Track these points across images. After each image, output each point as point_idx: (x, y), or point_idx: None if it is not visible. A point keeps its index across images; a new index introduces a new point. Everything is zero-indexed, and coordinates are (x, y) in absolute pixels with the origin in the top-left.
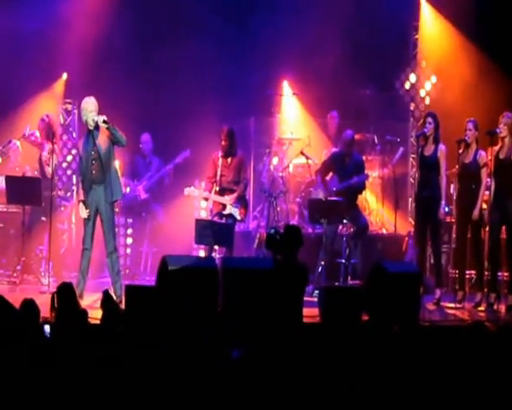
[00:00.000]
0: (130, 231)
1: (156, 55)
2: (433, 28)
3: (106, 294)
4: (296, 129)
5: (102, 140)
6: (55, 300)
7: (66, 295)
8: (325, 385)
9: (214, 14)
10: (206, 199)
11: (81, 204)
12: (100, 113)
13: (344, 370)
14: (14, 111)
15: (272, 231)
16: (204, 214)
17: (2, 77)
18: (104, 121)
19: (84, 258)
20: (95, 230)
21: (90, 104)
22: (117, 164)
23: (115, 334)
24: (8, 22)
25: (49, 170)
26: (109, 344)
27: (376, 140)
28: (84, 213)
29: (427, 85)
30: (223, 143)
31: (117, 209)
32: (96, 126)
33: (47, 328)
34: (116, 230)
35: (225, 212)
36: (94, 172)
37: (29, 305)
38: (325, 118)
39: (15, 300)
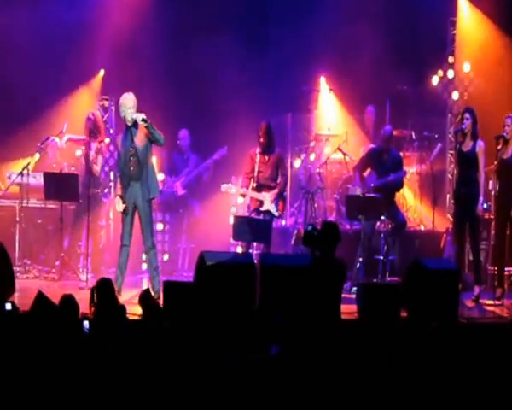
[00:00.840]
0: (167, 227)
1: (194, 51)
2: (470, 23)
3: (145, 291)
4: (333, 125)
5: (140, 137)
6: (95, 295)
7: (105, 290)
8: (363, 382)
9: (252, 10)
10: (244, 195)
11: (118, 198)
12: (137, 109)
13: (382, 367)
14: (52, 107)
15: (310, 227)
16: (241, 211)
17: (39, 73)
18: (143, 119)
19: (122, 254)
20: (133, 226)
21: (128, 100)
22: (154, 160)
23: (154, 330)
24: (44, 17)
25: (96, 168)
26: (148, 340)
27: (414, 136)
28: (120, 206)
29: (465, 81)
30: (261, 140)
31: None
32: (135, 123)
33: (86, 323)
34: (154, 226)
35: (263, 208)
36: (132, 168)
37: (68, 301)
38: (362, 114)
39: (54, 295)
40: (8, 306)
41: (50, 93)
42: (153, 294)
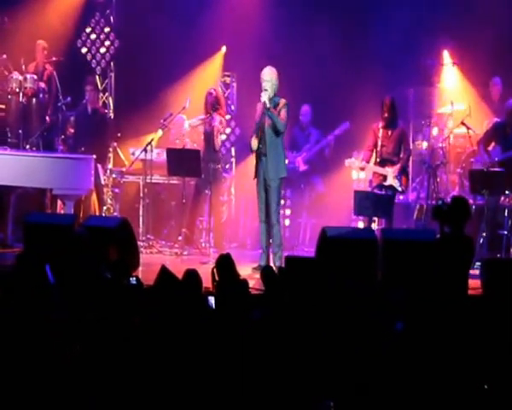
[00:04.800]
0: (288, 202)
1: (317, 27)
2: None
3: (266, 266)
4: (456, 99)
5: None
6: (216, 271)
7: (225, 266)
8: (490, 361)
9: None
10: (363, 169)
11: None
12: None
13: (507, 343)
14: (174, 84)
15: (440, 202)
16: (361, 185)
17: (161, 52)
18: (264, 102)
19: (260, 231)
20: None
21: (264, 72)
22: None
23: (276, 304)
24: None
25: (218, 141)
26: (271, 315)
27: None
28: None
29: None
30: (385, 115)
31: None
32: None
33: (211, 299)
34: (281, 202)
35: (386, 183)
36: (260, 145)
37: (192, 275)
38: (486, 87)
39: (177, 270)
40: (133, 280)
41: (173, 70)
42: (274, 269)
